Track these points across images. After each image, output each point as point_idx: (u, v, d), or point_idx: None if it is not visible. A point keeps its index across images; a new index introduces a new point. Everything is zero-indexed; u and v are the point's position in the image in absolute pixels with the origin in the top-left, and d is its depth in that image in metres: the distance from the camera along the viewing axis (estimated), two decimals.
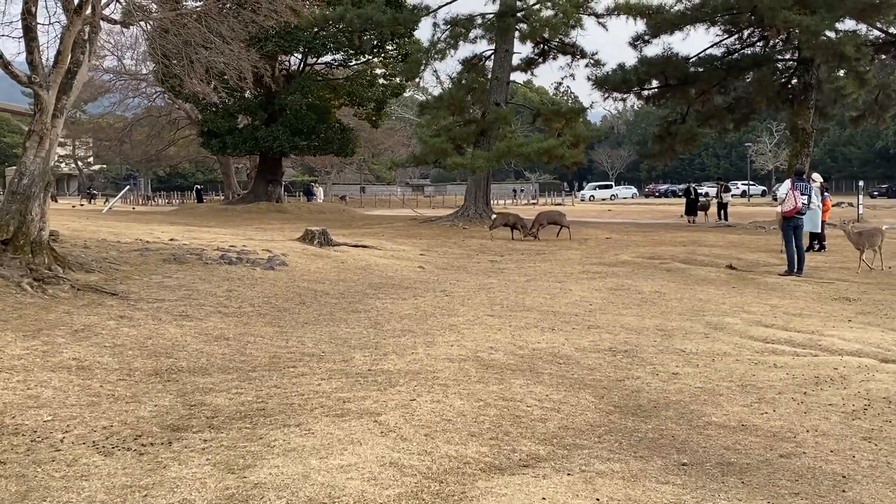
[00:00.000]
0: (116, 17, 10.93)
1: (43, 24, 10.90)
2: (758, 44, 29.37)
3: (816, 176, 18.22)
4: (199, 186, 60.47)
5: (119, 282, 9.24)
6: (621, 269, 13.84)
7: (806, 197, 13.56)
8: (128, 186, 56.90)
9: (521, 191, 77.48)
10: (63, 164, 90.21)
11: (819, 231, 17.31)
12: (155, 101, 50.91)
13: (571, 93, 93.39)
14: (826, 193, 18.57)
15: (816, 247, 17.27)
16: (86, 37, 9.71)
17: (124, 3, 10.93)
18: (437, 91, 35.11)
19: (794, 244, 13.29)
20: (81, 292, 8.36)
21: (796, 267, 13.23)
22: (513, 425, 4.82)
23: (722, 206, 31.46)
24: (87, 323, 7.21)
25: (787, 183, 13.51)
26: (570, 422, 4.98)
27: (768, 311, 9.52)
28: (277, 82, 35.25)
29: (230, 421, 4.76)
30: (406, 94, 53.43)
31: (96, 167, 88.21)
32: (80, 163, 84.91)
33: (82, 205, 49.17)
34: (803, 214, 13.58)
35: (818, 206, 16.94)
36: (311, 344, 7.08)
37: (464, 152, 26.13)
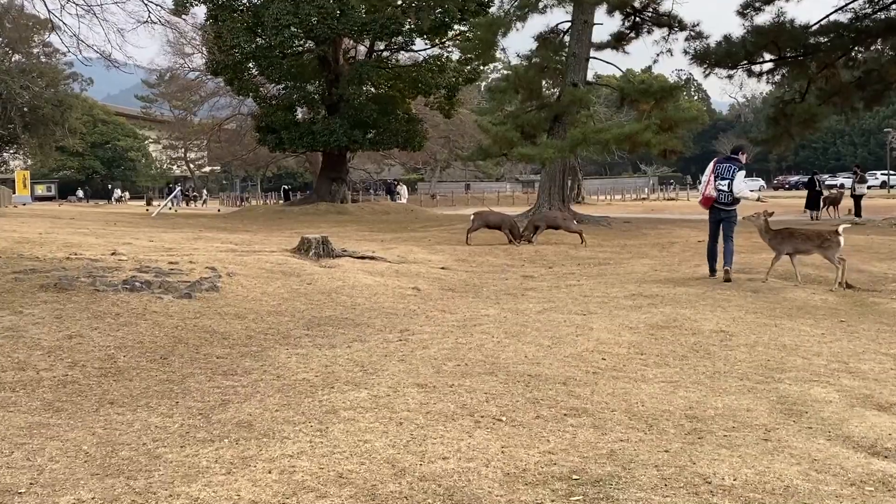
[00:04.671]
0: None
1: None
2: (893, 6, 24.56)
3: None
4: (286, 187, 59.51)
5: None
6: (689, 289, 10.21)
7: (726, 182, 10.49)
8: (178, 188, 55.89)
9: (671, 184, 71.58)
10: (175, 167, 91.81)
11: None
12: (244, 101, 49.70)
13: (694, 80, 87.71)
14: None
15: None
16: None
17: None
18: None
19: (713, 239, 11.07)
20: None
21: (709, 268, 11.19)
22: None
23: (856, 200, 26.94)
24: None
25: (711, 166, 10.88)
26: None
27: (889, 369, 5.95)
28: (340, 70, 32.53)
29: None
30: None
31: (207, 169, 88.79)
32: (191, 165, 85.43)
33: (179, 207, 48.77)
34: (726, 205, 10.66)
35: None
36: (24, 463, 4.10)
37: (536, 141, 22.65)
